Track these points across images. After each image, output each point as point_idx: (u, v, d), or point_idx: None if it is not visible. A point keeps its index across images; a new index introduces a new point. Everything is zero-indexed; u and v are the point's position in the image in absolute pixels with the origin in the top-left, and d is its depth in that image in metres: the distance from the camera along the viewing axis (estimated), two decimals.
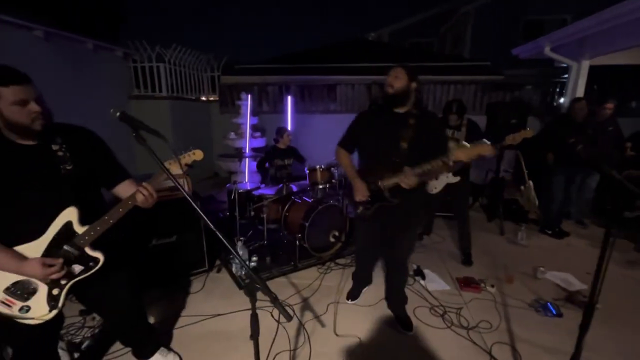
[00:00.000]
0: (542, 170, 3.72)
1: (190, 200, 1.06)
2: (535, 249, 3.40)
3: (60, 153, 1.22)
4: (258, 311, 1.01)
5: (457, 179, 2.94)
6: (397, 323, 2.16)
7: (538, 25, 9.01)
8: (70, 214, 1.23)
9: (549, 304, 2.35)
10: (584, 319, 1.13)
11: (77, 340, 1.98)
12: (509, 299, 2.49)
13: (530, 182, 4.18)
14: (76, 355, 1.86)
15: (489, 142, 2.75)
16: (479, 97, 5.46)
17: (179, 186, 1.06)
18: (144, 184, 1.31)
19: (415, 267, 2.85)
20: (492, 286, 2.58)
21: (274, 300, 0.95)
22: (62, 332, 2.01)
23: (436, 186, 3.08)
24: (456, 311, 2.31)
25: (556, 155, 3.54)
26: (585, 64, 3.61)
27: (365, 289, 2.54)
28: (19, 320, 1.20)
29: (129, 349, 1.80)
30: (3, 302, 1.17)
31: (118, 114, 1.05)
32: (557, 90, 5.40)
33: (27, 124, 1.11)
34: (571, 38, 3.38)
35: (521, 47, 4.15)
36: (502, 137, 2.69)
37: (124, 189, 1.42)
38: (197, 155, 1.40)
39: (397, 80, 1.78)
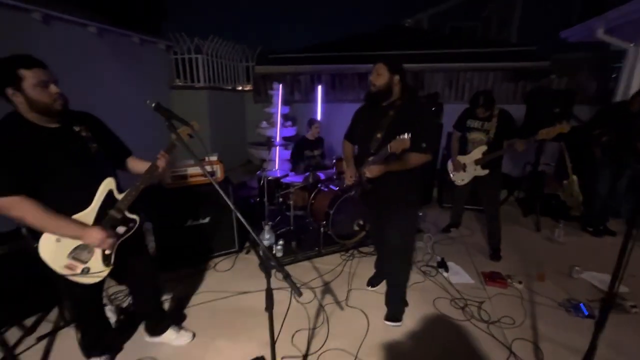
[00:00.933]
0: (587, 163, 3.45)
1: (212, 180, 1.17)
2: (573, 248, 3.21)
3: (83, 134, 1.40)
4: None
5: (486, 172, 2.83)
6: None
7: (599, 3, 8.10)
8: (110, 184, 1.43)
9: (581, 304, 2.24)
10: (600, 315, 1.09)
11: (124, 305, 2.25)
12: (537, 296, 2.40)
13: (574, 177, 3.90)
14: (122, 316, 2.12)
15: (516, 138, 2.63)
16: (521, 85, 5.10)
17: (205, 172, 1.17)
18: (162, 152, 1.51)
19: (439, 259, 2.83)
20: (520, 282, 2.50)
21: (286, 277, 1.03)
22: (112, 297, 2.30)
23: (463, 178, 3.00)
24: (478, 305, 2.28)
25: (603, 147, 3.26)
26: None
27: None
28: (82, 280, 1.41)
29: None
30: (67, 267, 1.37)
31: (153, 105, 1.17)
32: (613, 76, 4.89)
33: (49, 104, 1.26)
34: (628, 18, 3.03)
35: (570, 30, 3.79)
36: (539, 129, 2.55)
37: (133, 165, 1.65)
38: (195, 125, 1.55)
39: (379, 77, 1.82)
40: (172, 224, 2.68)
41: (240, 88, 6.74)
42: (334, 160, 3.39)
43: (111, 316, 2.02)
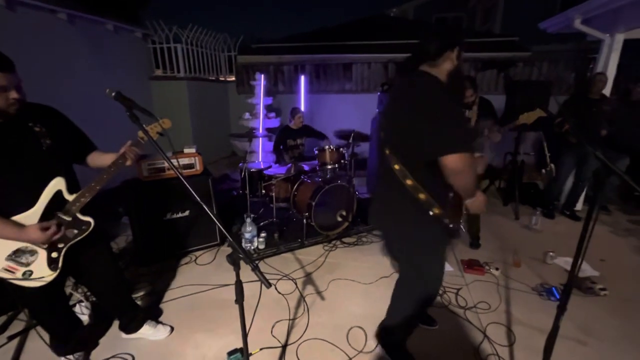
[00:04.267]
0: (559, 150, 3.57)
1: (178, 173, 1.12)
2: (549, 235, 3.30)
3: (37, 129, 1.32)
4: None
5: None
6: None
7: None
8: (58, 184, 1.35)
9: (553, 288, 2.31)
10: (562, 298, 1.12)
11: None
12: (513, 282, 2.47)
13: (552, 166, 4.01)
14: (96, 312, 2.06)
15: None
16: (502, 76, 5.17)
17: (172, 166, 1.13)
18: (131, 147, 1.45)
19: None
20: (497, 269, 2.57)
21: (254, 269, 1.02)
22: (87, 293, 2.24)
23: None
24: (455, 291, 2.33)
25: (566, 135, 3.38)
26: (619, 38, 3.30)
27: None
28: (25, 284, 1.34)
29: None
30: (6, 269, 1.31)
31: (113, 94, 1.12)
32: (591, 67, 5.00)
33: (3, 108, 1.20)
34: (605, 8, 3.09)
35: (549, 20, 3.84)
36: (518, 116, 2.60)
37: (95, 159, 1.56)
38: (166, 123, 1.49)
39: None
40: (150, 217, 2.62)
41: (222, 79, 6.60)
42: (316, 152, 3.37)
43: (84, 312, 1.97)
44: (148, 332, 1.89)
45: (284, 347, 1.86)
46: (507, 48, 5.50)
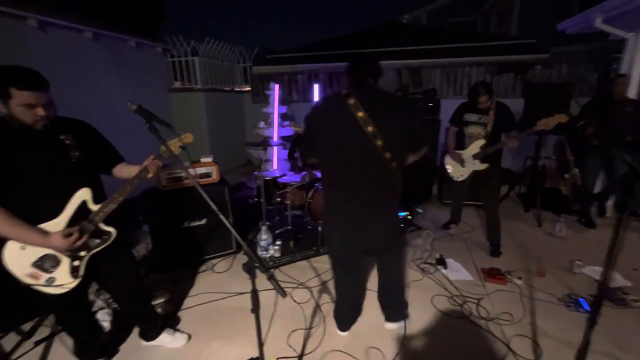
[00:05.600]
0: (583, 155, 3.43)
1: (196, 184, 1.15)
2: (575, 242, 3.16)
3: (67, 142, 1.39)
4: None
5: (485, 166, 2.80)
6: None
7: None
8: (84, 194, 1.41)
9: (581, 299, 2.20)
10: (592, 310, 1.06)
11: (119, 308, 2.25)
12: (537, 292, 2.36)
13: (576, 170, 3.85)
14: (117, 319, 2.11)
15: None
16: (519, 78, 5.04)
17: (190, 177, 1.16)
18: (153, 160, 1.50)
19: (438, 255, 2.80)
20: (520, 278, 2.47)
21: (270, 278, 1.02)
22: (109, 300, 2.30)
23: (462, 174, 2.96)
24: (476, 301, 2.25)
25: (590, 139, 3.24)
26: None
27: None
28: (47, 290, 1.40)
29: None
30: (31, 275, 1.36)
31: (134, 107, 1.17)
32: (614, 67, 4.81)
33: (29, 124, 1.27)
34: (628, 6, 2.97)
35: (568, 21, 3.73)
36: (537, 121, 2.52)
37: (120, 170, 1.62)
38: (188, 138, 1.53)
39: None
40: (169, 226, 2.68)
41: (238, 89, 6.75)
42: None
43: (106, 319, 2.03)
44: (166, 339, 1.92)
45: (301, 357, 1.84)
46: (524, 50, 5.37)
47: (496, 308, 2.19)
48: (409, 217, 3.54)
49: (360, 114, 1.49)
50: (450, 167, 3.06)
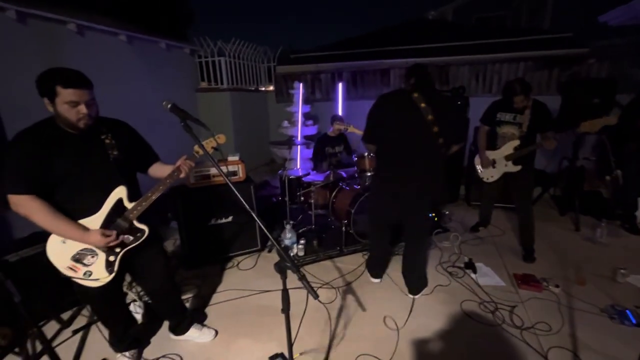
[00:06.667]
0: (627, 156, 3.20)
1: (229, 182, 1.15)
2: (617, 249, 2.95)
3: (107, 141, 1.45)
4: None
5: (518, 168, 2.66)
6: None
7: None
8: (121, 192, 1.46)
9: (627, 311, 2.05)
10: None
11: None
12: (577, 301, 2.22)
13: (619, 172, 3.60)
14: (149, 312, 2.18)
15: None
16: (555, 75, 4.77)
17: (224, 176, 1.17)
18: (186, 160, 1.55)
19: (466, 259, 2.70)
20: (557, 286, 2.33)
21: (301, 279, 1.00)
22: (140, 293, 2.38)
23: (492, 175, 2.84)
24: (509, 309, 2.14)
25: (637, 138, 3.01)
26: None
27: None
28: (84, 283, 1.46)
29: None
30: (70, 268, 1.43)
31: (169, 105, 1.19)
32: None
33: (73, 121, 1.32)
34: None
35: (611, 13, 3.48)
36: (579, 121, 2.37)
37: (155, 169, 1.69)
38: (221, 139, 1.56)
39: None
40: (197, 222, 2.74)
41: (262, 89, 6.82)
42: (355, 158, 3.33)
43: (138, 311, 2.10)
44: (194, 334, 1.96)
45: (326, 358, 1.82)
46: (561, 45, 5.08)
47: (531, 317, 2.07)
48: (435, 219, 3.45)
49: (423, 104, 1.91)
50: (481, 167, 2.94)
